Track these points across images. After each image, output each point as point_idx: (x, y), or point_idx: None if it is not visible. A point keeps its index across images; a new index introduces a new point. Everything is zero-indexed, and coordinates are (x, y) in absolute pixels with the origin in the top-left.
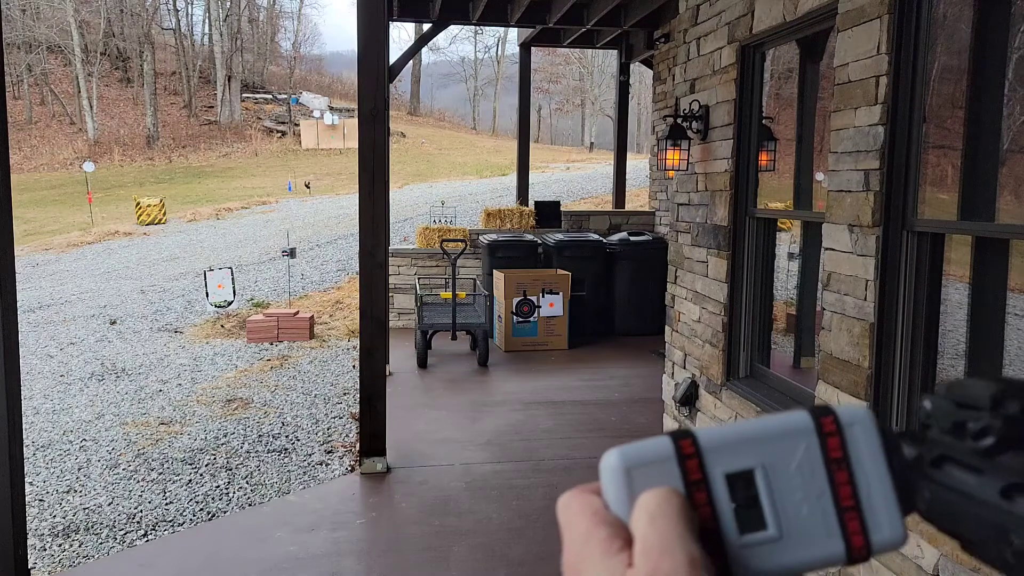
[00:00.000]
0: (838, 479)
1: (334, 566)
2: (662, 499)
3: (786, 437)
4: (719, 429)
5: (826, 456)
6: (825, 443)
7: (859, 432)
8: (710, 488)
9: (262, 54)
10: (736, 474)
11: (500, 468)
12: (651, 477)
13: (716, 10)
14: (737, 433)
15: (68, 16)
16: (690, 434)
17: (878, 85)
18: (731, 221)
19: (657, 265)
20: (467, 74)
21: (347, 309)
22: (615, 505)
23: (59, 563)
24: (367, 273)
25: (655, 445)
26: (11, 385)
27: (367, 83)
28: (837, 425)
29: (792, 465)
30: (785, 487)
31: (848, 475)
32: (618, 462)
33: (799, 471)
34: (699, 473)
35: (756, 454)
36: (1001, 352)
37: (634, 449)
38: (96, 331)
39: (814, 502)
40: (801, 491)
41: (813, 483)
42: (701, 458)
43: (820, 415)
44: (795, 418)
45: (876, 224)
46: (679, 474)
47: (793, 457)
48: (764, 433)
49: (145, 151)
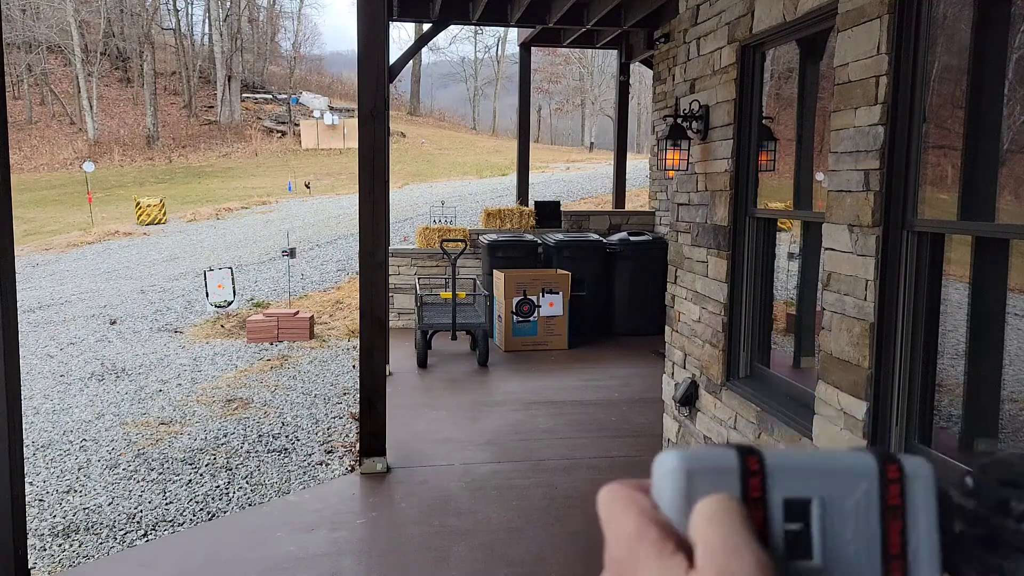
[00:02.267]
0: (891, 527)
1: (334, 566)
2: (724, 503)
3: (849, 475)
4: (785, 453)
5: (884, 502)
6: (886, 490)
7: (920, 486)
8: (767, 509)
9: (262, 54)
10: (795, 500)
11: (500, 468)
12: (711, 484)
13: (716, 10)
14: (803, 461)
15: (68, 16)
16: (757, 452)
17: (878, 85)
18: (731, 221)
19: (657, 265)
20: (467, 74)
21: (347, 309)
22: (668, 507)
23: (59, 563)
24: (367, 273)
25: (719, 454)
26: (11, 385)
27: (367, 83)
28: (901, 474)
29: (850, 504)
30: (838, 523)
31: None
32: (679, 464)
33: (855, 511)
34: (760, 492)
35: (817, 485)
36: (1001, 352)
37: (697, 454)
38: (96, 331)
39: (863, 544)
40: (852, 530)
41: (866, 526)
42: (764, 478)
43: (887, 461)
44: (862, 459)
45: (876, 224)
46: (739, 488)
47: (852, 496)
48: (829, 466)
49: (145, 151)
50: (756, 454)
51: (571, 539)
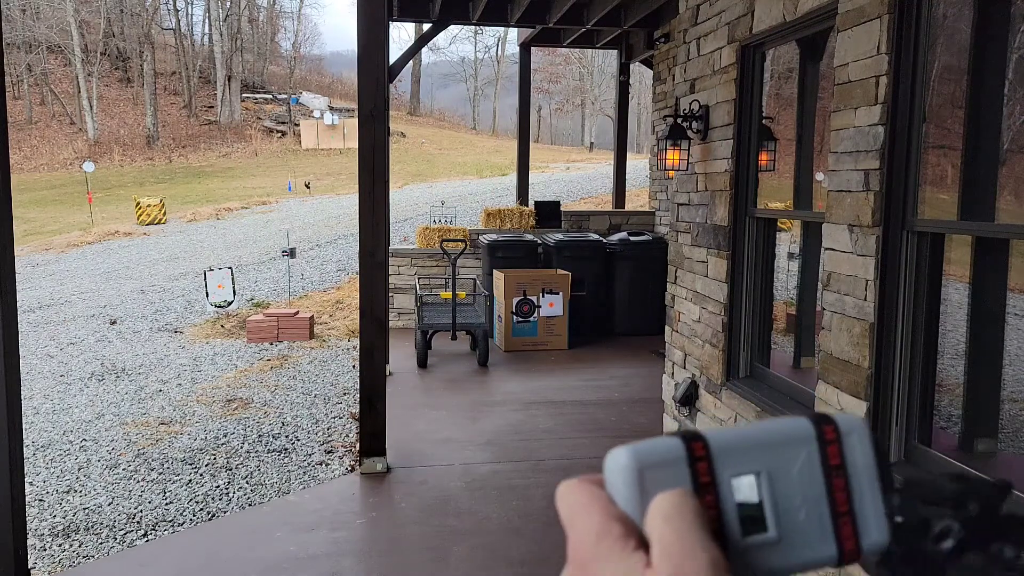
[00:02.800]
0: (835, 485)
1: (334, 566)
2: (678, 501)
3: (790, 444)
4: (726, 432)
5: (825, 463)
6: (825, 451)
7: (856, 441)
8: (718, 490)
9: (262, 54)
10: (741, 476)
11: (500, 468)
12: (662, 478)
13: (716, 10)
14: (744, 437)
15: (68, 16)
16: (701, 437)
17: (878, 85)
18: (731, 221)
19: (657, 265)
20: (467, 74)
21: (347, 309)
22: (624, 503)
23: (59, 563)
24: (367, 273)
25: (666, 446)
26: (11, 385)
27: (367, 83)
28: (837, 434)
29: (794, 471)
30: (786, 492)
31: (844, 482)
32: (630, 461)
33: (799, 476)
34: (708, 476)
35: (761, 459)
36: (1001, 352)
37: (645, 449)
38: (96, 331)
39: (812, 507)
40: (800, 496)
41: (812, 488)
42: (711, 461)
43: (822, 423)
44: (798, 425)
45: (876, 224)
46: (689, 476)
47: (795, 463)
48: (769, 439)
49: (145, 151)
50: (700, 439)
51: None
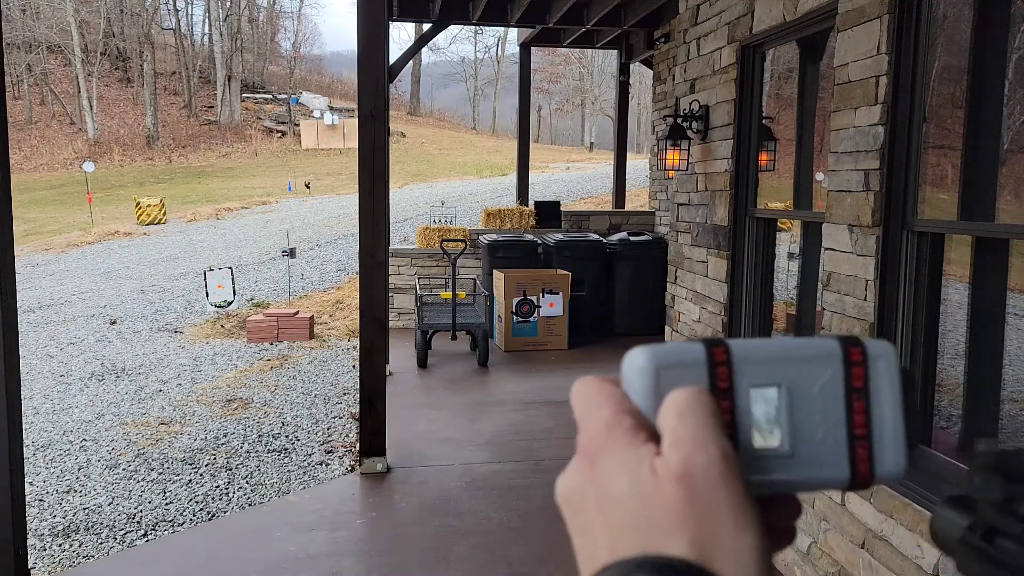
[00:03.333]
0: (856, 407)
1: (334, 566)
2: (693, 397)
3: (814, 360)
4: (752, 342)
5: (848, 384)
6: (850, 372)
7: (882, 366)
8: (734, 397)
9: (262, 54)
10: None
11: (500, 468)
12: (679, 379)
13: (716, 10)
14: (769, 349)
15: (68, 16)
16: (723, 342)
17: (878, 85)
18: (731, 221)
19: (657, 265)
20: (467, 74)
21: (347, 309)
22: (639, 401)
23: (59, 563)
24: (367, 273)
25: (687, 348)
26: (11, 385)
27: (367, 83)
28: (864, 356)
29: (815, 388)
30: (805, 408)
31: (865, 405)
32: (648, 362)
33: (820, 395)
34: (727, 382)
35: (783, 372)
36: (1001, 352)
37: (664, 349)
38: (96, 331)
39: (829, 426)
40: (819, 414)
41: (832, 408)
42: (731, 367)
43: (850, 344)
44: (825, 344)
45: (876, 224)
46: (707, 379)
47: (817, 380)
48: (794, 353)
49: (145, 151)
50: (723, 344)
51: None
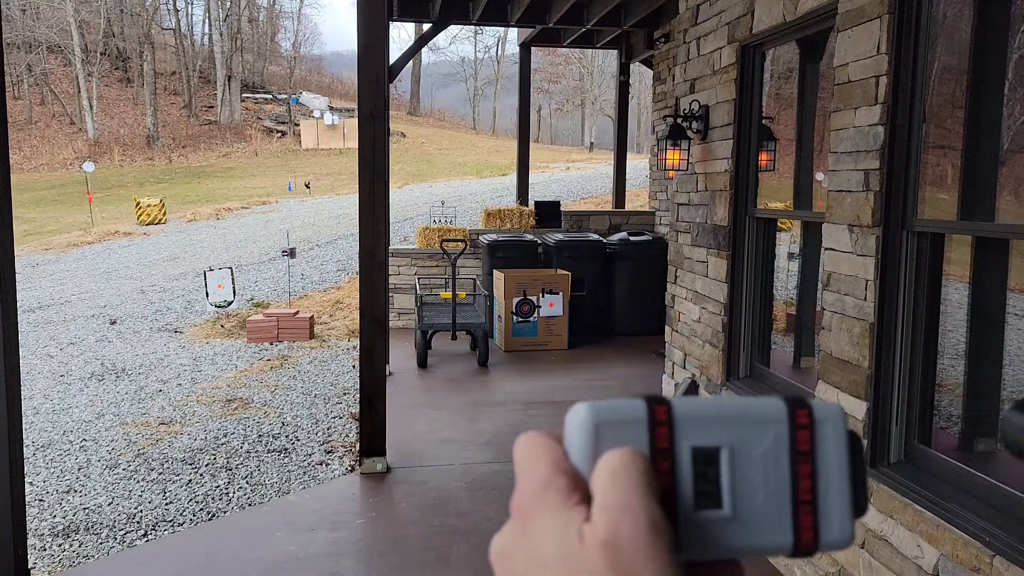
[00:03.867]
0: (801, 472)
1: (334, 566)
2: (627, 458)
3: (759, 422)
4: (695, 402)
5: (793, 448)
6: (795, 435)
7: (830, 430)
8: (675, 458)
9: (262, 54)
10: (702, 449)
11: (500, 468)
12: (618, 436)
13: (716, 10)
14: (712, 409)
15: (68, 16)
16: (666, 401)
17: (878, 85)
18: (731, 221)
19: (657, 265)
20: (467, 74)
21: (347, 309)
22: (577, 458)
23: (59, 563)
24: (367, 273)
25: (628, 406)
26: (11, 385)
27: (367, 83)
28: (811, 419)
29: (759, 450)
30: (748, 471)
31: (811, 470)
32: (587, 417)
33: (764, 457)
34: (667, 442)
35: (726, 433)
36: (1001, 352)
37: (605, 406)
38: (96, 331)
39: (772, 490)
40: (762, 477)
41: (776, 472)
42: (672, 427)
43: (796, 407)
44: (771, 405)
45: (876, 224)
46: (647, 439)
47: (761, 443)
48: (738, 414)
49: (145, 151)
50: (665, 404)
51: None
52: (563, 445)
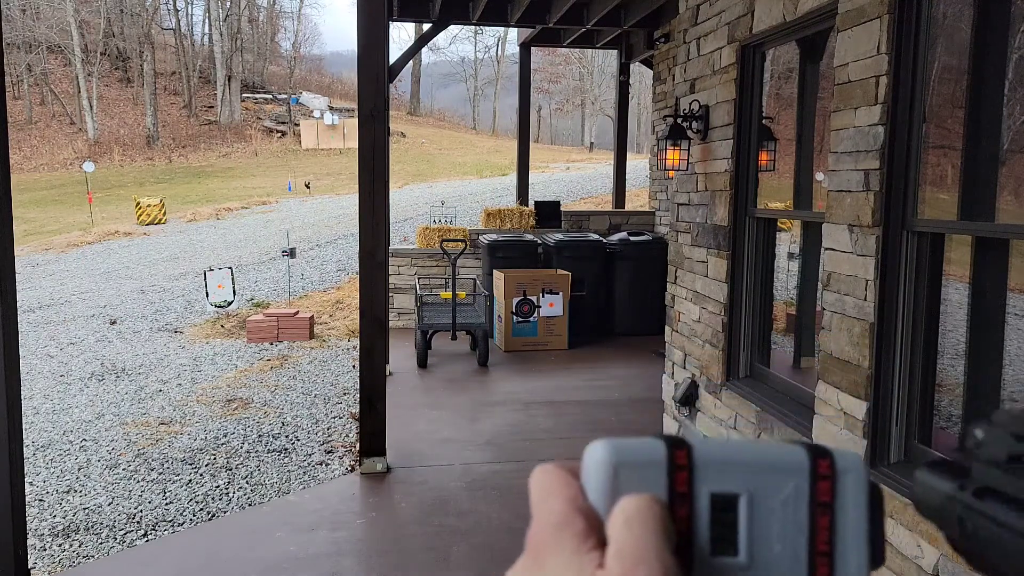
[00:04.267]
0: (820, 523)
1: (334, 566)
2: (643, 506)
3: (780, 471)
4: (715, 445)
5: (813, 499)
6: (816, 486)
7: (851, 481)
8: (693, 503)
9: (262, 54)
10: (721, 496)
11: (500, 468)
12: (637, 479)
13: (716, 10)
14: (732, 454)
15: (68, 16)
16: (686, 445)
17: (878, 85)
18: (731, 221)
19: (657, 265)
20: (467, 74)
21: (347, 309)
22: (594, 497)
23: (59, 563)
24: (367, 273)
25: (648, 448)
26: (11, 385)
27: (367, 83)
28: (832, 470)
29: (778, 499)
30: (766, 519)
31: (830, 521)
32: (607, 456)
33: (783, 507)
34: (686, 487)
35: (746, 480)
36: (1001, 352)
37: (625, 446)
38: (96, 331)
39: (790, 540)
40: (780, 526)
41: (794, 521)
42: (692, 472)
43: (818, 456)
44: (793, 454)
45: (876, 224)
46: (666, 483)
47: (781, 492)
48: (759, 461)
49: (145, 151)
50: (685, 447)
51: None
52: (580, 480)
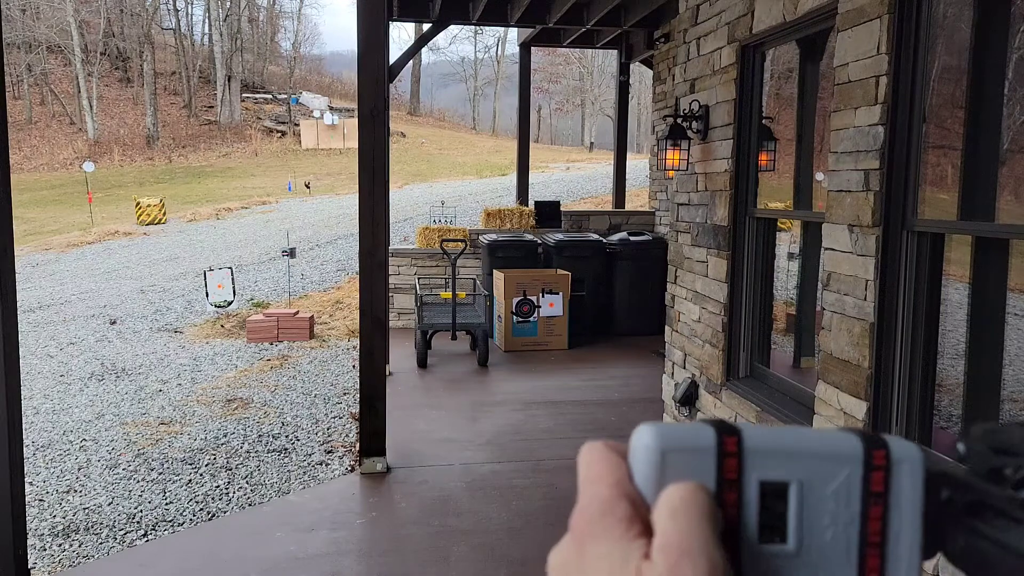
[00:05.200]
0: (872, 513)
1: (334, 566)
2: (688, 496)
3: (832, 459)
4: (765, 432)
5: (866, 488)
6: (870, 475)
7: (906, 472)
8: (742, 491)
9: (262, 54)
10: (771, 483)
11: (500, 468)
12: (685, 465)
13: (716, 10)
14: (783, 442)
15: (68, 16)
16: (736, 432)
17: (878, 85)
18: (731, 221)
19: (657, 265)
20: (467, 74)
21: (347, 309)
22: (640, 481)
23: (59, 563)
24: (367, 273)
25: (697, 433)
26: (11, 385)
27: (367, 83)
28: (887, 461)
29: (829, 488)
30: (816, 508)
31: (883, 511)
32: (654, 442)
33: (834, 496)
34: (735, 474)
35: (797, 468)
36: (1001, 352)
37: (673, 432)
38: (96, 331)
39: (841, 530)
40: (831, 515)
41: (846, 511)
42: (741, 459)
43: (873, 446)
44: (846, 442)
45: (876, 224)
46: (715, 469)
47: (833, 481)
48: (811, 449)
49: (145, 151)
50: (736, 433)
51: None
52: (627, 462)
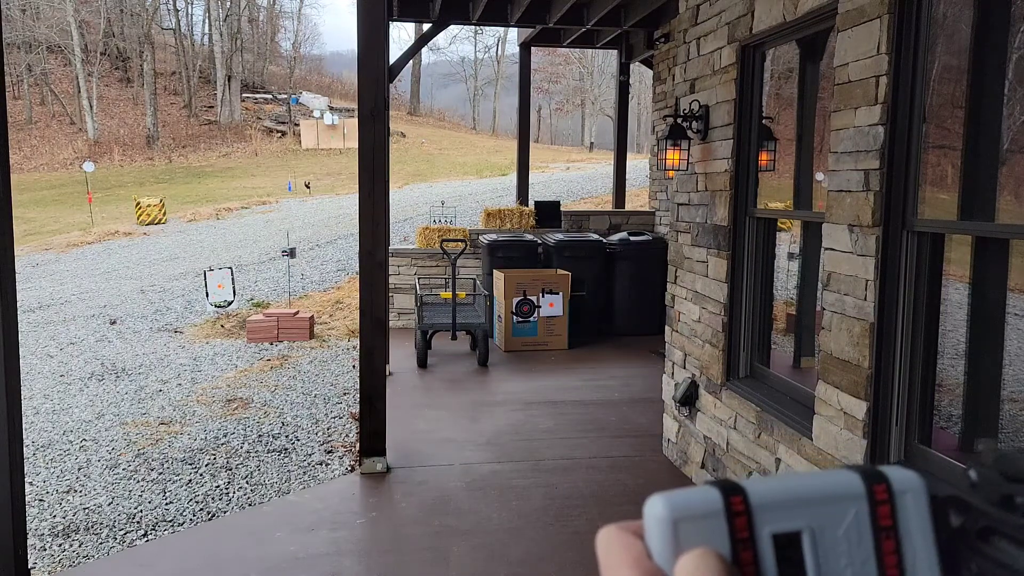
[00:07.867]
0: (885, 548)
1: (334, 566)
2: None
3: (836, 501)
4: (768, 484)
5: (875, 524)
6: (876, 511)
7: (910, 501)
8: (756, 547)
9: (262, 54)
10: (783, 534)
11: (500, 468)
12: (698, 531)
13: (716, 10)
14: (787, 492)
15: (68, 16)
16: (741, 490)
17: (878, 85)
18: (731, 221)
19: (657, 265)
20: (467, 74)
21: (347, 309)
22: (658, 555)
23: (59, 563)
24: (367, 273)
25: (704, 497)
26: (11, 385)
27: (367, 83)
28: (889, 494)
29: (840, 530)
30: (831, 551)
31: (895, 544)
32: (665, 513)
33: (846, 536)
34: (747, 532)
35: (805, 515)
36: (1001, 352)
37: (682, 499)
38: (96, 331)
39: (859, 568)
40: (846, 557)
41: (859, 550)
42: (750, 516)
43: (873, 482)
44: (847, 481)
45: (876, 224)
46: (727, 531)
47: (842, 522)
48: (814, 494)
49: (145, 151)
50: (740, 492)
51: (571, 539)
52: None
